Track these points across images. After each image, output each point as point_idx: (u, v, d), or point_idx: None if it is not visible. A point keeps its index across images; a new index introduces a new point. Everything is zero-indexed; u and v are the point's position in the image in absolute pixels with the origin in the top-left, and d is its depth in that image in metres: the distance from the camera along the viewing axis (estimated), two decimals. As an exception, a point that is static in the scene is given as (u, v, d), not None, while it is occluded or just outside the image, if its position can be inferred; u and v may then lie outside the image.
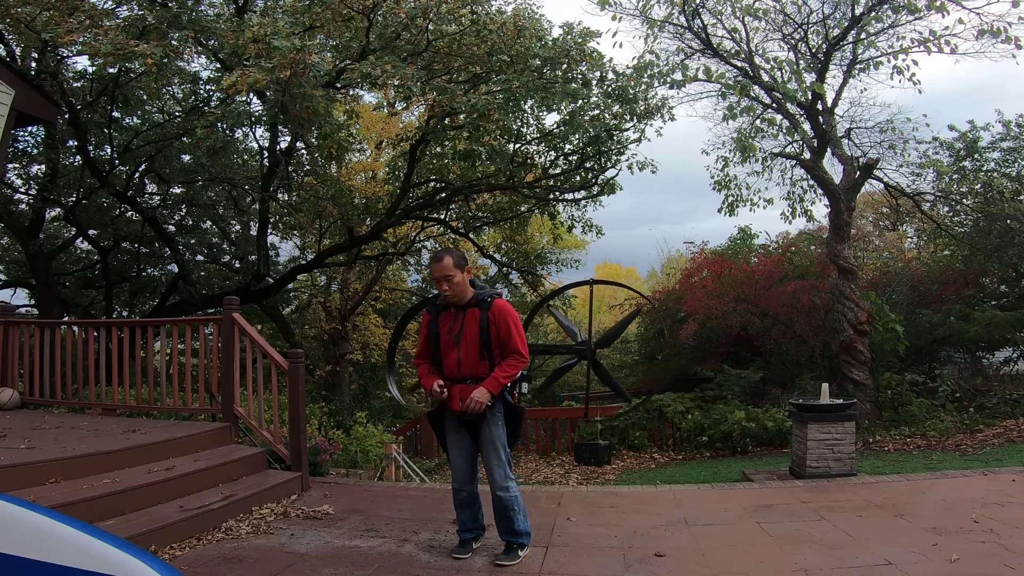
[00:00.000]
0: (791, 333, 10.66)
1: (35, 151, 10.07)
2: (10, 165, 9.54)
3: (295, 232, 13.85)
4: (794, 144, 10.16)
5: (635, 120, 8.71)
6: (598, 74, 8.08)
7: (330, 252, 11.76)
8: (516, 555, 3.40)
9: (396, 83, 6.89)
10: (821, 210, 10.98)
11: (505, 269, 13.98)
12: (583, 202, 11.08)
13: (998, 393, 9.00)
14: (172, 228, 11.82)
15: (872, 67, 9.23)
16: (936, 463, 6.14)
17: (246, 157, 11.45)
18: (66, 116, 8.42)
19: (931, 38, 8.01)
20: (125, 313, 12.50)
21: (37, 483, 3.60)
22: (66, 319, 9.63)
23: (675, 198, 53.37)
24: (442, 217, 11.95)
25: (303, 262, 13.54)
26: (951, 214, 11.16)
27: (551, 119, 9.51)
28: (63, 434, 4.62)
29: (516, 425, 3.49)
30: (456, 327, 3.33)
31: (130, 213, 10.78)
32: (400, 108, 10.55)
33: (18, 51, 8.37)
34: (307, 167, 11.52)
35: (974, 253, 10.55)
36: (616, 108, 8.35)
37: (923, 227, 11.87)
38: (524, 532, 3.45)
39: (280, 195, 10.97)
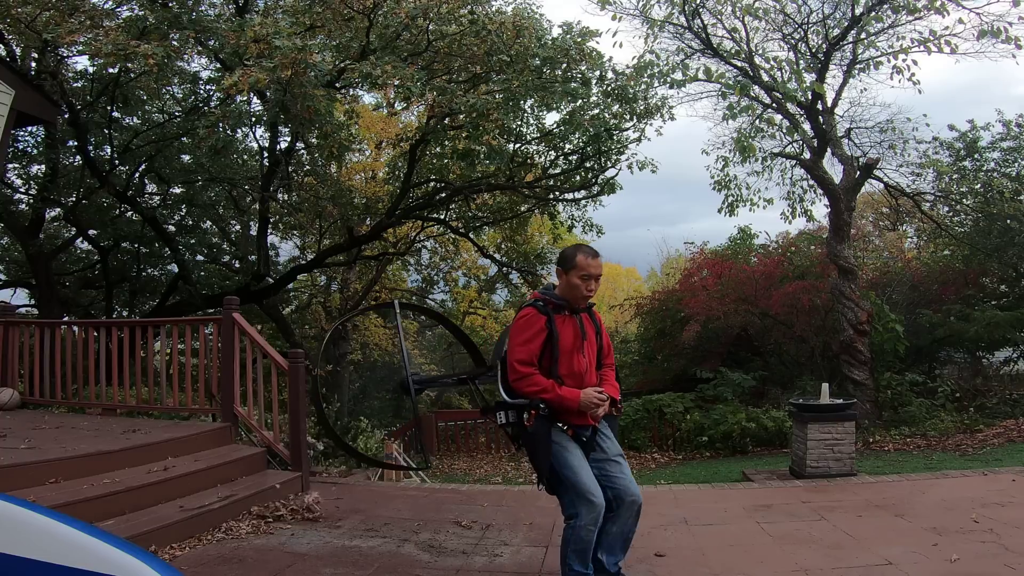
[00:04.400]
0: (791, 333, 10.67)
1: (35, 151, 10.06)
2: (10, 165, 9.53)
3: (295, 232, 13.84)
4: (794, 144, 10.16)
5: (635, 120, 8.72)
6: (598, 73, 8.09)
7: (330, 252, 11.76)
8: None
9: (396, 83, 6.89)
10: (821, 210, 11.00)
11: (505, 269, 13.98)
12: (583, 202, 11.08)
13: (998, 393, 9.00)
14: (172, 228, 11.80)
15: (872, 67, 9.25)
16: (936, 463, 6.14)
17: (246, 157, 11.43)
18: (66, 116, 8.41)
19: (931, 38, 8.02)
20: (125, 313, 12.48)
21: (37, 483, 3.60)
22: (66, 319, 9.63)
23: (668, 199, 53.36)
24: (442, 217, 11.94)
25: (303, 262, 13.53)
26: (951, 214, 11.17)
27: (551, 119, 9.53)
28: (63, 434, 4.61)
29: (616, 437, 3.10)
30: (580, 329, 2.94)
31: (130, 213, 10.77)
32: (400, 108, 10.56)
33: (18, 51, 8.37)
34: (307, 167, 11.51)
35: (974, 253, 10.55)
36: (616, 107, 8.36)
37: (923, 227, 11.88)
38: None
39: (280, 195, 10.96)
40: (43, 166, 9.77)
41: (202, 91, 9.69)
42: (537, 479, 2.95)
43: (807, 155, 9.66)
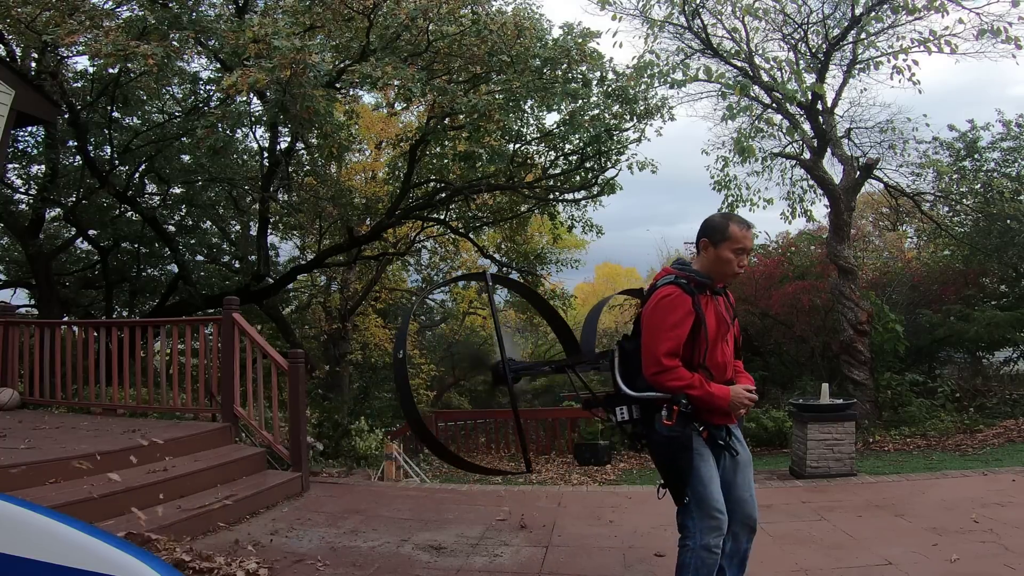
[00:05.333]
0: (791, 333, 10.67)
1: (35, 151, 10.06)
2: (10, 165, 9.53)
3: (295, 232, 13.84)
4: (794, 144, 10.16)
5: (635, 120, 8.71)
6: (598, 74, 8.09)
7: (330, 252, 11.76)
8: None
9: (396, 84, 6.89)
10: (821, 210, 10.99)
11: (505, 269, 13.98)
12: (583, 202, 11.07)
13: (998, 393, 9.00)
14: (172, 228, 11.81)
15: (872, 67, 9.24)
16: (936, 463, 6.14)
17: (246, 157, 11.44)
18: (66, 116, 8.42)
19: (931, 38, 8.03)
20: (125, 313, 12.48)
21: (37, 483, 3.60)
22: (66, 319, 9.63)
23: (666, 200, 53.42)
24: (442, 217, 11.94)
25: (303, 262, 13.53)
26: (951, 214, 11.17)
27: (551, 119, 9.52)
28: (63, 434, 4.62)
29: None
30: (725, 313, 2.53)
31: (130, 213, 10.77)
32: (400, 108, 10.56)
33: (18, 51, 8.37)
34: (307, 167, 11.51)
35: (974, 253, 10.55)
36: (616, 108, 8.35)
37: (923, 227, 11.87)
38: None
39: (280, 195, 10.97)
40: (43, 166, 9.77)
41: (202, 91, 9.69)
42: (662, 486, 2.49)
43: (807, 155, 9.66)
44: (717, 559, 2.39)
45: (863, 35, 9.06)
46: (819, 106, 9.46)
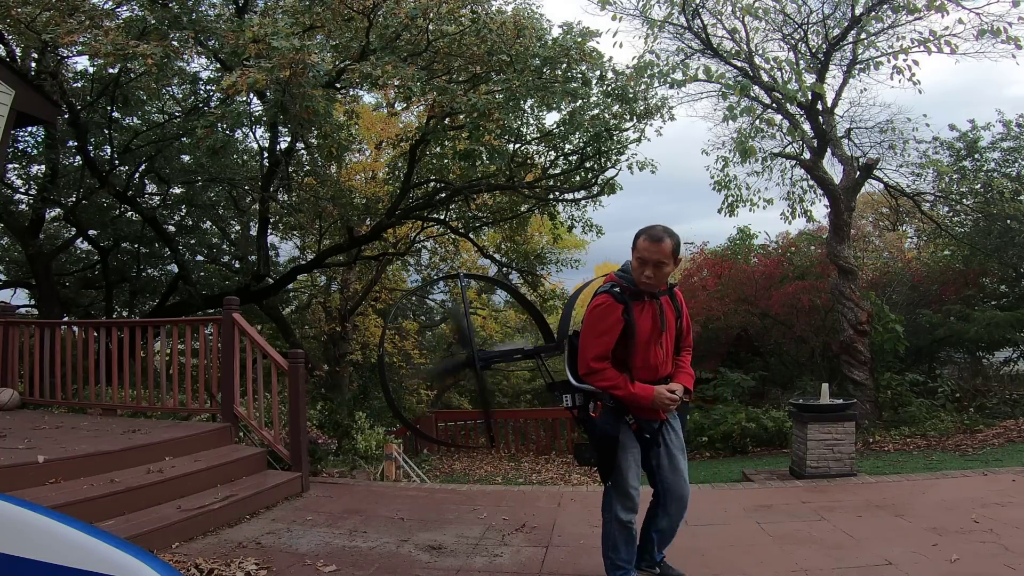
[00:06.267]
0: (791, 333, 10.67)
1: (35, 151, 10.06)
2: (10, 165, 9.53)
3: (295, 232, 13.84)
4: (794, 144, 10.17)
5: (635, 120, 8.72)
6: (598, 73, 8.09)
7: (330, 252, 11.76)
8: None
9: (396, 83, 6.89)
10: (821, 210, 11.00)
11: (505, 269, 13.98)
12: (583, 202, 11.08)
13: (998, 393, 9.00)
14: (172, 228, 11.82)
15: (872, 67, 9.25)
16: (936, 463, 6.14)
17: (246, 157, 11.44)
18: (66, 116, 8.42)
19: (931, 38, 8.03)
20: (125, 313, 12.49)
21: (37, 483, 3.60)
22: (66, 319, 9.63)
23: (664, 200, 53.45)
24: (442, 217, 11.94)
25: (303, 262, 13.53)
26: (951, 214, 11.17)
27: (551, 119, 9.53)
28: (63, 434, 4.62)
29: (684, 426, 3.07)
30: (659, 318, 2.76)
31: (130, 213, 10.78)
32: (400, 108, 10.56)
33: (18, 51, 8.36)
34: (307, 167, 11.52)
35: (974, 253, 10.55)
36: (616, 108, 8.36)
37: (923, 227, 11.87)
38: None
39: (280, 195, 10.97)
40: (43, 166, 9.77)
41: (202, 91, 9.70)
42: (593, 464, 2.94)
43: (807, 155, 9.66)
44: (631, 530, 2.84)
45: (863, 35, 9.06)
46: (819, 106, 9.46)
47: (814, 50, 9.61)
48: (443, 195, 10.75)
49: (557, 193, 10.69)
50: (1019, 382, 9.79)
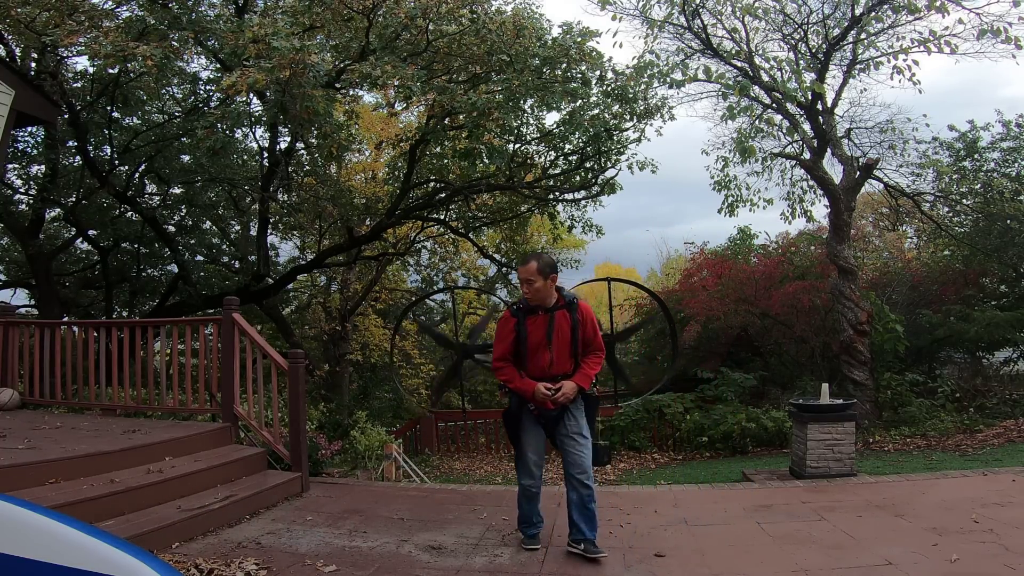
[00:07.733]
0: (791, 333, 10.67)
1: (35, 151, 10.06)
2: (10, 165, 9.53)
3: (295, 232, 13.85)
4: (794, 144, 10.17)
5: (635, 120, 8.71)
6: (598, 73, 8.08)
7: (330, 252, 11.76)
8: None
9: (396, 83, 6.88)
10: (821, 210, 11.00)
11: (505, 269, 13.98)
12: (583, 202, 11.07)
13: (998, 393, 9.01)
14: (172, 228, 11.82)
15: (872, 67, 9.25)
16: (936, 463, 6.14)
17: (246, 157, 11.44)
18: (66, 116, 8.42)
19: (931, 38, 8.03)
20: (125, 313, 12.49)
21: (37, 483, 3.60)
22: (66, 319, 9.63)
23: (663, 201, 53.45)
24: (442, 217, 11.94)
25: (303, 262, 13.54)
26: (951, 214, 11.18)
27: (551, 119, 9.52)
28: (63, 434, 4.61)
29: (594, 416, 3.71)
30: (548, 329, 3.45)
31: (130, 213, 10.77)
32: (400, 108, 10.56)
33: (18, 51, 8.36)
34: (307, 167, 11.52)
35: (974, 253, 10.55)
36: (616, 107, 8.34)
37: (923, 227, 11.88)
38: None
39: (280, 195, 10.97)
40: (43, 166, 9.77)
41: (202, 91, 9.70)
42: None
43: (807, 155, 9.66)
44: (534, 494, 3.60)
45: (863, 35, 9.06)
46: (819, 106, 9.46)
47: (814, 50, 9.61)
48: (443, 195, 10.75)
49: (557, 193, 10.69)
50: (1019, 382, 9.80)
